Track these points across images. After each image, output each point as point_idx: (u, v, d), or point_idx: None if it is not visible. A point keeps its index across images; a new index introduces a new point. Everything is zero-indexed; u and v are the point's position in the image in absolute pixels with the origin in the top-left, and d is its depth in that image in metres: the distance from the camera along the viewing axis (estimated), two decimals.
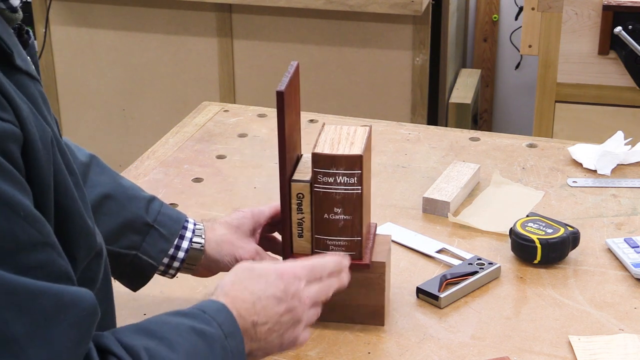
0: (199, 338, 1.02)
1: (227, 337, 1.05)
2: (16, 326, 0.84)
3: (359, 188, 1.27)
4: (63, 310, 0.88)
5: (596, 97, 2.53)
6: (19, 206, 0.85)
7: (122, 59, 3.25)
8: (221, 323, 1.05)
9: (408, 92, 3.05)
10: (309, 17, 3.03)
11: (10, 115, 0.85)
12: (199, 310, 1.06)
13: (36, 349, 0.85)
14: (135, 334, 0.99)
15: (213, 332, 1.04)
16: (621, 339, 1.30)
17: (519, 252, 1.50)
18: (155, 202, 1.36)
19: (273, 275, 1.13)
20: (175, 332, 1.02)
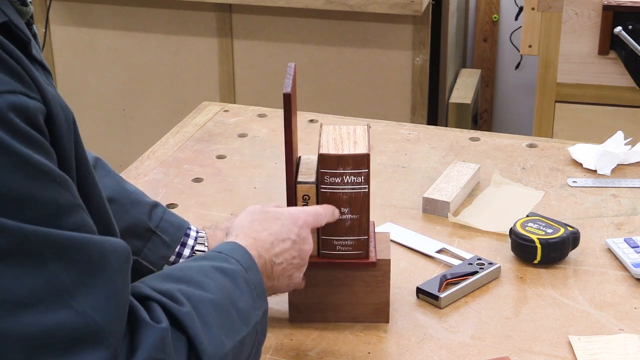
0: (222, 275, 1.08)
1: (247, 271, 1.11)
2: (64, 277, 0.89)
3: (366, 187, 1.28)
4: (105, 257, 0.93)
5: (596, 97, 2.53)
6: (54, 173, 0.90)
7: (122, 59, 3.25)
8: (239, 259, 1.12)
9: (408, 92, 3.05)
10: (309, 17, 3.03)
11: (36, 94, 0.91)
12: (215, 252, 1.13)
13: (85, 297, 0.90)
14: (164, 280, 1.05)
15: (233, 267, 1.10)
16: (621, 339, 1.30)
17: (519, 252, 1.50)
18: (159, 208, 1.37)
19: (288, 219, 1.22)
20: (200, 273, 1.07)
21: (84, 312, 0.90)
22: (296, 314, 1.36)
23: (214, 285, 1.06)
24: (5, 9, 0.94)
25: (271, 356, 1.29)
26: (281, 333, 1.34)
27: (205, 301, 1.04)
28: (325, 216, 1.27)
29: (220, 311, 1.05)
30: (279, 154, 1.87)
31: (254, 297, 1.10)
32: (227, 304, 1.06)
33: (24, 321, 0.87)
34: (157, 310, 0.99)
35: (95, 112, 3.34)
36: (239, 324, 1.07)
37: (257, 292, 1.11)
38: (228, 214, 1.65)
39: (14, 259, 0.87)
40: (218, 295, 1.05)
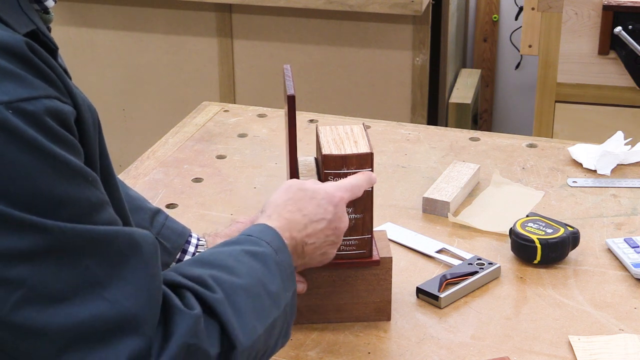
0: (253, 259, 1.10)
1: (277, 253, 1.13)
2: (97, 270, 0.92)
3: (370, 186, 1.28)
4: (135, 248, 0.96)
5: (596, 97, 2.53)
6: (86, 173, 0.94)
7: (122, 59, 3.25)
8: (269, 241, 1.13)
9: (408, 92, 3.05)
10: (309, 17, 3.03)
11: (68, 98, 0.95)
12: (246, 236, 1.15)
13: (118, 288, 0.93)
14: (195, 266, 1.06)
15: (264, 250, 1.12)
16: (621, 339, 1.30)
17: (519, 252, 1.50)
18: (161, 214, 1.38)
19: (325, 198, 1.22)
20: (230, 258, 1.09)
21: (117, 302, 0.92)
22: (298, 316, 1.35)
23: (245, 270, 1.07)
24: (33, 17, 0.97)
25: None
26: None
27: (236, 286, 1.05)
28: (362, 187, 1.27)
29: (251, 295, 1.05)
30: (279, 154, 1.87)
31: (284, 279, 1.11)
32: (258, 288, 1.07)
33: (61, 314, 0.90)
34: (190, 297, 1.00)
35: None
36: (270, 307, 1.08)
37: (287, 274, 1.12)
38: (228, 214, 1.65)
39: (51, 256, 0.90)
40: (249, 280, 1.06)
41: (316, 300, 1.35)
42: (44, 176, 0.89)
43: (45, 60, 0.93)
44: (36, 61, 0.92)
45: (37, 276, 0.89)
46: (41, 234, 0.89)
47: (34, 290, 0.89)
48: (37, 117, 0.89)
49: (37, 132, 0.89)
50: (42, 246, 0.89)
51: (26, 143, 0.88)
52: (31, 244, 0.89)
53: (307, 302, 1.34)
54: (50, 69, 0.93)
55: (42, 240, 0.89)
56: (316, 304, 1.35)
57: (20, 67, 0.91)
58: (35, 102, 0.90)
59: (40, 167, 0.89)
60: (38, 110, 0.90)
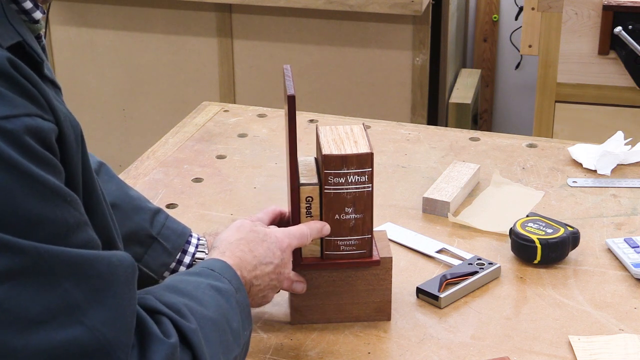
0: (217, 294, 1.11)
1: (237, 292, 1.14)
2: (77, 293, 0.91)
3: (370, 186, 1.28)
4: (113, 272, 0.95)
5: (596, 97, 2.53)
6: (65, 193, 0.93)
7: (122, 59, 3.25)
8: (230, 279, 1.14)
9: (408, 92, 3.05)
10: (309, 17, 3.03)
11: (50, 115, 0.94)
12: (208, 269, 1.15)
13: (96, 312, 0.92)
14: (169, 292, 1.07)
15: (226, 287, 1.13)
16: (621, 339, 1.30)
17: (519, 252, 1.50)
18: (161, 214, 1.37)
19: (275, 243, 1.25)
20: (199, 290, 1.09)
21: (94, 327, 0.91)
22: (298, 316, 1.36)
23: (213, 304, 1.09)
24: (19, 28, 0.96)
25: (271, 356, 1.29)
26: (281, 333, 1.34)
27: (207, 319, 1.06)
28: (310, 235, 1.29)
29: (218, 330, 1.07)
30: (278, 154, 1.87)
31: (243, 318, 1.13)
32: (223, 323, 1.08)
33: (37, 338, 0.89)
34: (168, 324, 1.01)
35: (95, 112, 3.34)
36: (232, 344, 1.09)
37: (246, 313, 1.14)
38: (228, 214, 1.65)
39: (28, 278, 0.89)
40: (216, 314, 1.08)
41: (316, 300, 1.35)
42: (21, 196, 0.88)
43: (27, 76, 0.92)
44: (18, 78, 0.91)
45: (13, 298, 0.88)
46: (17, 254, 0.88)
47: (10, 312, 0.88)
48: (16, 136, 0.88)
49: (16, 151, 0.88)
50: (18, 267, 0.88)
51: (4, 162, 0.87)
52: (6, 265, 0.87)
53: (307, 302, 1.34)
54: (33, 85, 0.92)
55: (17, 260, 0.88)
56: (316, 304, 1.35)
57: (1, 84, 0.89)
58: (15, 120, 0.89)
59: (17, 187, 0.88)
60: (17, 128, 0.89)
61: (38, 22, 1.02)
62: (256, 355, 1.28)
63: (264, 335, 1.33)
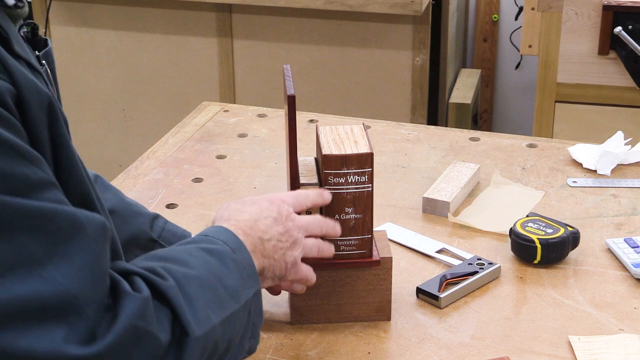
0: (208, 254, 1.09)
1: (234, 251, 1.11)
2: (33, 246, 0.89)
3: (370, 186, 1.28)
4: (78, 227, 0.92)
5: (596, 97, 2.53)
6: (23, 150, 0.91)
7: (122, 59, 3.25)
8: (225, 240, 1.12)
9: (408, 92, 3.05)
10: (309, 17, 3.03)
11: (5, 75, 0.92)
12: (201, 236, 1.14)
13: (57, 267, 0.90)
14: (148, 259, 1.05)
15: (220, 248, 1.11)
16: (621, 339, 1.30)
17: (519, 252, 1.50)
18: (160, 219, 1.38)
19: (264, 202, 1.22)
20: (184, 253, 1.08)
21: (55, 281, 0.89)
22: (298, 316, 1.36)
23: (199, 263, 1.06)
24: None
25: (271, 356, 1.29)
26: (281, 333, 1.34)
27: (189, 276, 1.03)
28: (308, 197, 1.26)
29: (205, 287, 1.04)
30: (279, 154, 1.87)
31: (243, 277, 1.10)
32: (212, 280, 1.06)
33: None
34: (139, 282, 0.98)
35: (95, 112, 3.34)
36: (227, 300, 1.06)
37: (248, 272, 1.11)
38: None
39: None
40: (202, 272, 1.05)
41: (316, 300, 1.35)
42: None
43: None
44: None
45: None
46: None
47: None
48: None
49: None
50: None
51: None
52: None
53: (307, 302, 1.34)
54: None
55: None
56: (316, 304, 1.35)
57: None
58: None
59: None
60: None
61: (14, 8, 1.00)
62: (256, 355, 1.28)
63: (264, 335, 1.33)
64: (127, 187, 1.73)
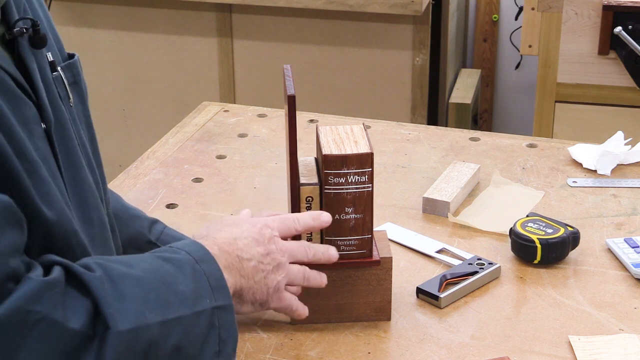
0: (161, 261, 1.05)
1: (198, 262, 1.07)
2: None
3: (370, 186, 1.28)
4: None
5: (596, 97, 2.53)
6: None
7: (122, 59, 3.25)
8: (190, 251, 1.08)
9: (408, 92, 3.05)
10: (309, 17, 3.03)
11: None
12: (167, 246, 1.10)
13: None
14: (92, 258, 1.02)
15: (180, 257, 1.07)
16: (621, 339, 1.30)
17: (519, 252, 1.50)
18: (159, 224, 1.38)
19: (246, 223, 1.20)
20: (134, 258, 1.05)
21: None
22: None
23: (145, 266, 1.03)
24: None
25: (271, 356, 1.29)
26: (281, 333, 1.34)
27: (127, 276, 1.00)
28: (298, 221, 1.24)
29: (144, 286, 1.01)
30: (279, 154, 1.87)
31: (204, 287, 1.06)
32: (156, 283, 1.02)
33: None
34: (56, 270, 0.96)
35: (95, 112, 3.32)
36: (174, 303, 1.02)
37: (212, 284, 1.07)
38: (228, 214, 1.65)
39: None
40: (145, 274, 1.02)
41: (316, 300, 1.35)
42: None
43: None
44: None
45: None
46: None
47: None
48: None
49: None
50: None
51: None
52: None
53: (307, 302, 1.34)
54: None
55: None
56: (316, 304, 1.35)
57: None
58: None
59: None
60: None
61: None
62: (256, 355, 1.28)
63: (264, 335, 1.33)
64: (127, 187, 1.73)
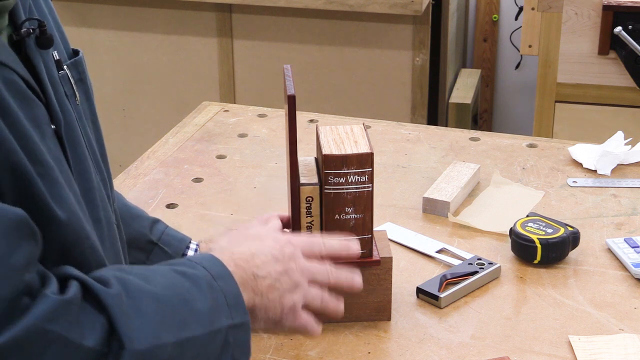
0: (179, 276, 1.02)
1: (215, 279, 1.04)
2: None
3: (370, 186, 1.28)
4: None
5: (596, 97, 2.53)
6: None
7: (122, 59, 3.25)
8: (207, 266, 1.05)
9: (408, 92, 3.05)
10: (309, 17, 3.03)
11: None
12: (185, 259, 1.07)
13: None
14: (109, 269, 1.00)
15: (197, 272, 1.04)
16: (621, 339, 1.30)
17: (519, 252, 1.50)
18: (160, 223, 1.37)
19: (269, 239, 1.15)
20: (151, 271, 1.02)
21: None
22: None
23: (164, 282, 1.00)
24: None
25: (271, 356, 1.29)
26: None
27: (145, 291, 0.97)
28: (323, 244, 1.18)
29: (162, 303, 0.98)
30: (279, 154, 1.87)
31: (221, 304, 1.03)
32: (174, 300, 0.99)
33: None
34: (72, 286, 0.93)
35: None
36: (191, 322, 0.99)
37: (229, 302, 1.03)
38: (228, 214, 1.65)
39: None
40: (164, 291, 0.99)
41: None
42: None
43: None
44: None
45: None
46: None
47: None
48: None
49: None
50: None
51: None
52: None
53: None
54: None
55: None
56: None
57: None
58: None
59: None
60: None
61: None
62: (256, 355, 1.28)
63: (264, 335, 1.33)
64: (127, 187, 1.73)
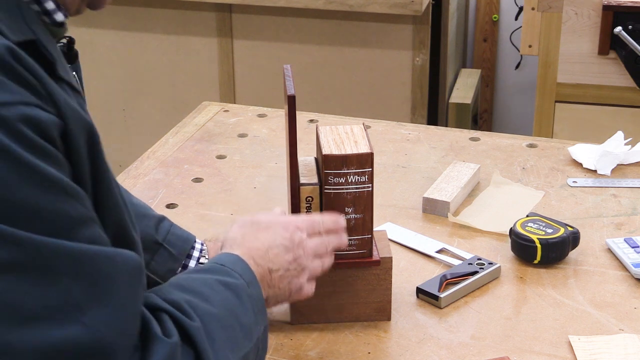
0: (226, 289, 1.08)
1: (249, 286, 1.11)
2: (76, 291, 0.88)
3: (370, 186, 1.28)
4: (117, 270, 0.92)
5: (596, 97, 2.53)
6: (66, 185, 0.90)
7: (122, 59, 3.25)
8: (241, 273, 1.12)
9: (408, 92, 3.05)
10: (309, 17, 3.03)
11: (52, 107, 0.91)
12: (218, 264, 1.12)
13: (95, 312, 0.89)
14: (172, 289, 1.05)
15: (237, 282, 1.10)
16: (621, 339, 1.30)
17: (519, 252, 1.50)
18: (165, 222, 1.37)
19: (279, 226, 1.21)
20: (205, 286, 1.07)
21: (93, 327, 0.88)
22: (298, 316, 1.36)
23: (219, 299, 1.06)
24: (36, 28, 0.95)
25: (271, 356, 1.29)
26: (281, 333, 1.34)
27: (211, 315, 1.03)
28: (322, 222, 1.25)
29: (225, 326, 1.04)
30: (279, 154, 1.87)
31: (255, 312, 1.10)
32: (231, 319, 1.05)
33: (33, 334, 0.86)
34: (168, 322, 0.98)
35: (95, 112, 3.34)
36: (242, 340, 1.06)
37: (259, 307, 1.11)
38: (228, 214, 1.65)
39: (25, 271, 0.86)
40: (222, 310, 1.05)
41: (316, 300, 1.34)
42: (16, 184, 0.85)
43: (30, 68, 0.89)
44: (18, 68, 0.88)
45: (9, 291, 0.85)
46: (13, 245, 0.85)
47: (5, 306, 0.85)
48: (11, 123, 0.86)
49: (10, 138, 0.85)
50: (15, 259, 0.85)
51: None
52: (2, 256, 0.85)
53: (307, 302, 1.34)
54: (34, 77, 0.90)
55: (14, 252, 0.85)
56: (316, 304, 1.35)
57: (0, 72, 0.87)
58: (11, 107, 0.86)
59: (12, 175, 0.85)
60: (12, 115, 0.86)
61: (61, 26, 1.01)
62: None
63: None
64: (128, 187, 1.73)
